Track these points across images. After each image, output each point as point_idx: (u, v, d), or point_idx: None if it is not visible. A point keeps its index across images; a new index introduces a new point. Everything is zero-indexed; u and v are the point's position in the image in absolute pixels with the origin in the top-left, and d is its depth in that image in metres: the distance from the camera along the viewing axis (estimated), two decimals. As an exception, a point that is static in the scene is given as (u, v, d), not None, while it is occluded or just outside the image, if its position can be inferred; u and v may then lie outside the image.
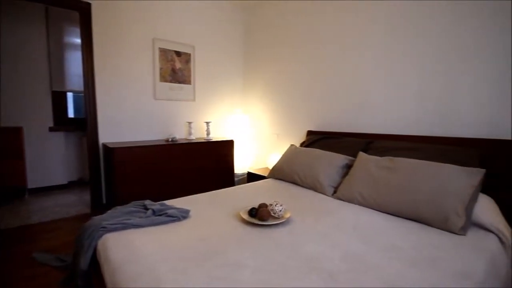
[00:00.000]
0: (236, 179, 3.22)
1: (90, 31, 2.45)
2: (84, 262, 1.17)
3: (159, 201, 1.58)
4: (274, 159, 2.82)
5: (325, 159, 2.00)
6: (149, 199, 1.57)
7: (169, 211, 1.36)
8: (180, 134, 3.05)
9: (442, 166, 1.45)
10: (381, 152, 1.87)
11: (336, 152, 2.09)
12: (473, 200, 1.32)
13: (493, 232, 1.27)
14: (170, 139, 2.71)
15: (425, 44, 1.91)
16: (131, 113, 2.72)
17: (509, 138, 1.58)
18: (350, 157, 1.99)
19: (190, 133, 2.95)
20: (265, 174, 2.53)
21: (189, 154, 2.67)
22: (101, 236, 1.21)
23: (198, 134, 3.19)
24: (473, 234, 1.24)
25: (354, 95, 2.36)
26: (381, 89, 2.17)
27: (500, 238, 1.25)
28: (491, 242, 1.20)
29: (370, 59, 2.23)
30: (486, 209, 1.36)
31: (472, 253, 1.07)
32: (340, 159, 1.98)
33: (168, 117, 2.97)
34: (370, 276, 0.91)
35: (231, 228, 1.28)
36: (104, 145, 2.49)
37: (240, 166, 3.31)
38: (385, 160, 1.69)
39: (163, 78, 2.88)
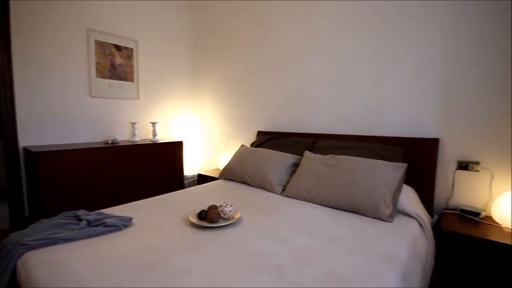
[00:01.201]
0: (186, 181, 3.11)
1: (7, 16, 2.08)
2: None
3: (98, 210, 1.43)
4: (225, 159, 2.80)
5: (274, 158, 2.07)
6: (83, 209, 1.41)
7: (108, 221, 1.24)
8: (123, 136, 2.81)
9: (373, 162, 1.63)
10: (324, 151, 2.01)
11: (284, 152, 2.18)
12: (398, 191, 1.52)
13: (414, 218, 1.47)
14: (110, 141, 2.47)
15: (359, 51, 2.12)
16: (61, 113, 2.39)
17: (425, 136, 1.86)
18: (297, 156, 2.09)
19: (134, 135, 2.74)
20: (216, 175, 2.50)
21: (134, 157, 2.48)
22: (21, 255, 1.03)
23: (143, 135, 2.98)
24: (398, 221, 1.42)
25: (301, 97, 2.49)
26: (324, 92, 2.34)
27: (419, 223, 1.46)
28: (413, 226, 1.39)
29: (315, 63, 2.38)
30: (409, 198, 1.58)
31: (398, 238, 1.22)
32: (288, 158, 2.07)
33: (107, 117, 2.70)
34: (315, 267, 0.97)
35: (179, 234, 1.23)
36: (26, 149, 2.14)
37: (190, 168, 3.20)
38: (328, 158, 1.82)
39: (101, 74, 2.61)
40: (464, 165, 1.74)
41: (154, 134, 2.82)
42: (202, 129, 3.40)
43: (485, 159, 1.68)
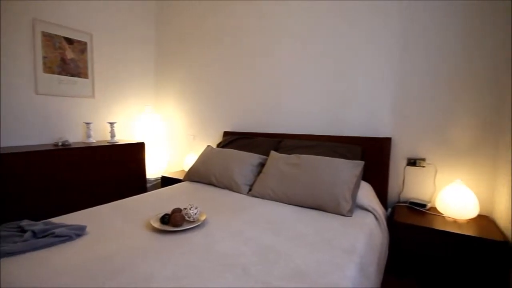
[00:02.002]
0: (148, 185, 2.96)
1: None
2: None
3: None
4: (190, 161, 2.73)
5: (240, 159, 2.07)
6: (27, 219, 1.26)
7: (57, 230, 1.13)
8: (76, 137, 2.58)
9: (334, 161, 1.72)
10: (289, 150, 2.07)
11: (250, 152, 2.19)
12: (356, 187, 1.61)
13: (370, 212, 1.58)
14: (60, 143, 2.25)
15: (321, 53, 2.22)
16: (3, 112, 2.12)
17: (380, 136, 2.01)
18: (263, 156, 2.12)
19: (88, 136, 2.53)
20: (181, 177, 2.42)
21: (89, 160, 2.28)
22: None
23: (100, 136, 2.77)
24: (357, 215, 1.51)
25: (267, 97, 2.53)
26: (289, 93, 2.40)
27: (375, 216, 1.57)
28: (370, 220, 1.50)
29: (281, 65, 2.43)
30: (366, 193, 1.69)
31: (356, 231, 1.30)
32: (254, 158, 2.08)
33: (57, 117, 2.46)
34: (280, 264, 0.99)
35: (140, 240, 1.17)
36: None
37: (153, 171, 3.06)
38: (292, 158, 1.87)
39: (49, 69, 2.37)
40: (412, 162, 1.91)
41: (112, 135, 2.64)
42: (166, 130, 3.27)
43: (430, 156, 1.87)
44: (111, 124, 2.65)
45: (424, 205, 1.80)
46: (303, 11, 2.27)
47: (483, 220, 1.64)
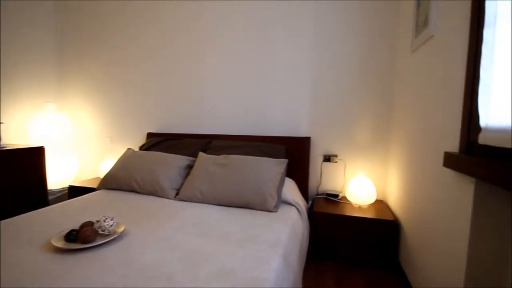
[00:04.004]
0: (51, 197, 2.49)
1: None
2: None
3: None
4: (107, 166, 2.42)
5: (166, 161, 1.95)
6: None
7: None
8: None
9: (260, 159, 1.79)
10: (218, 151, 2.06)
11: (177, 154, 2.09)
12: (281, 183, 1.72)
13: (294, 205, 1.71)
14: None
15: (246, 56, 2.28)
16: None
17: (301, 135, 2.20)
18: (191, 158, 2.05)
19: (-41, 140, 1.96)
20: (95, 186, 2.12)
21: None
22: None
23: (-22, 140, 2.18)
24: (282, 210, 1.61)
25: (195, 97, 2.45)
26: (217, 93, 2.39)
27: (298, 209, 1.71)
28: (293, 213, 1.61)
29: (207, 64, 2.39)
30: (290, 189, 1.82)
31: (281, 225, 1.39)
32: (182, 160, 1.99)
33: None
34: (206, 266, 0.97)
35: (37, 265, 0.96)
36: None
37: (58, 180, 2.59)
38: (220, 158, 1.87)
39: None
40: (327, 158, 2.16)
41: (-2, 139, 2.12)
42: (75, 132, 2.82)
43: (341, 152, 2.15)
44: (-5, 125, 2.12)
45: (337, 196, 2.06)
46: (226, 12, 2.30)
47: (380, 204, 1.98)
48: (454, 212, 1.02)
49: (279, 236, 1.25)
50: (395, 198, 1.85)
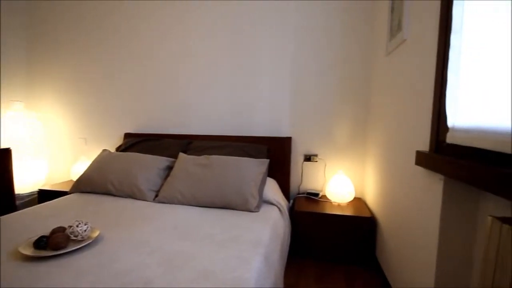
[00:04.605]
0: (19, 202, 2.33)
1: None
2: None
3: None
4: (81, 169, 2.31)
5: (145, 162, 1.89)
6: None
7: None
8: None
9: (241, 160, 1.79)
10: (199, 151, 2.03)
11: (157, 155, 2.04)
12: (263, 183, 1.73)
13: (275, 205, 1.72)
14: None
15: (230, 56, 2.27)
16: None
17: (282, 135, 2.22)
18: (171, 159, 2.00)
19: None
20: (68, 189, 2.02)
21: None
22: None
23: None
24: (263, 209, 1.62)
25: (175, 97, 2.40)
26: (198, 93, 2.35)
27: (279, 208, 1.72)
28: (274, 212, 1.63)
29: (189, 64, 2.35)
30: (271, 189, 1.83)
31: (262, 225, 1.39)
32: (161, 161, 1.95)
33: None
34: (187, 269, 0.95)
35: (4, 275, 0.90)
36: None
37: (27, 184, 2.43)
38: (201, 158, 1.84)
39: None
40: (308, 157, 2.20)
41: (-44, 140, 1.95)
42: (46, 132, 2.66)
43: (321, 152, 2.19)
44: (-47, 125, 1.95)
45: (317, 194, 2.10)
46: (208, 11, 2.27)
47: (358, 202, 2.04)
48: (425, 208, 1.07)
49: (260, 236, 1.25)
50: (372, 195, 1.91)
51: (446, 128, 0.92)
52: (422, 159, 1.02)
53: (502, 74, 0.71)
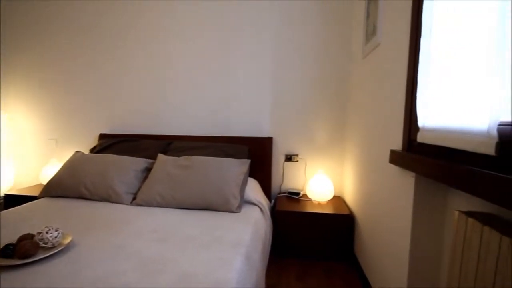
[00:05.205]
0: (-18, 208, 2.17)
1: None
2: None
3: None
4: (51, 172, 2.18)
5: (121, 164, 1.82)
6: None
7: None
8: None
9: (222, 160, 1.77)
10: (179, 152, 1.99)
11: (135, 156, 1.97)
12: (244, 183, 1.73)
13: (256, 205, 1.73)
14: None
15: (211, 56, 2.25)
16: None
17: (263, 136, 2.23)
18: (150, 160, 1.95)
19: None
20: (37, 194, 1.90)
21: None
22: None
23: None
24: (245, 210, 1.62)
25: (154, 97, 2.34)
26: (177, 92, 2.30)
27: (261, 208, 1.73)
28: (255, 212, 1.63)
29: (166, 63, 2.29)
30: (252, 189, 1.83)
31: (244, 224, 1.39)
32: (139, 163, 1.89)
33: None
34: (166, 273, 0.93)
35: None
36: None
37: (-9, 189, 2.26)
38: (182, 159, 1.81)
39: None
40: (289, 157, 2.22)
41: None
42: (13, 133, 2.49)
43: (301, 152, 2.23)
44: None
45: (298, 193, 2.13)
46: (186, 12, 2.24)
47: (337, 200, 2.10)
48: (398, 205, 1.12)
49: (241, 236, 1.25)
50: (350, 193, 1.97)
51: (417, 128, 0.97)
52: (395, 157, 1.07)
53: (467, 77, 0.76)
